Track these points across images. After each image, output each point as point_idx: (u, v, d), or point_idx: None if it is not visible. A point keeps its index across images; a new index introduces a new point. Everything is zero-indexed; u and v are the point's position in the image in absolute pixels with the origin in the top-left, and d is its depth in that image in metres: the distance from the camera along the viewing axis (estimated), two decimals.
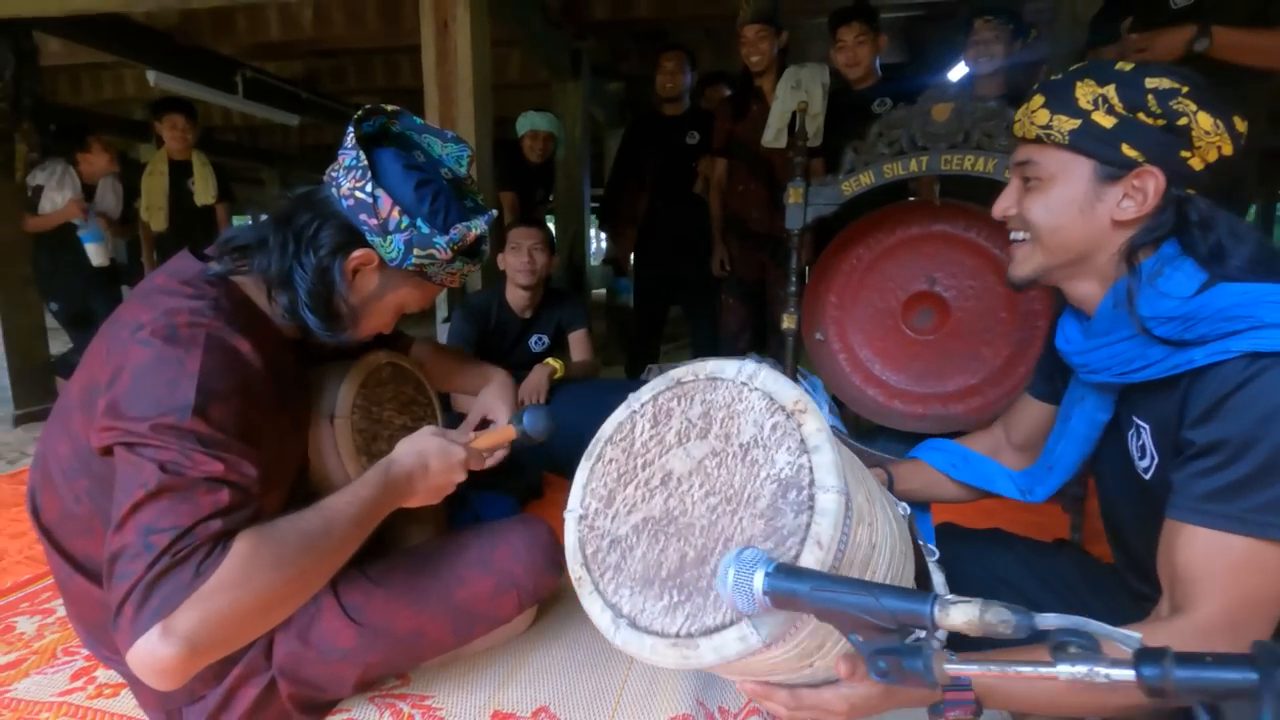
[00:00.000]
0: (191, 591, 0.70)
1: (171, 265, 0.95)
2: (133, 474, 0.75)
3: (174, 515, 0.72)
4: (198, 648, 0.69)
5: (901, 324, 2.14)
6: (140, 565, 0.70)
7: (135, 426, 0.76)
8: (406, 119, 1.02)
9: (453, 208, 0.99)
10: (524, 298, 2.32)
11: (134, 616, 0.69)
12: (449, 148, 1.05)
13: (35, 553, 1.71)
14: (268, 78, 4.86)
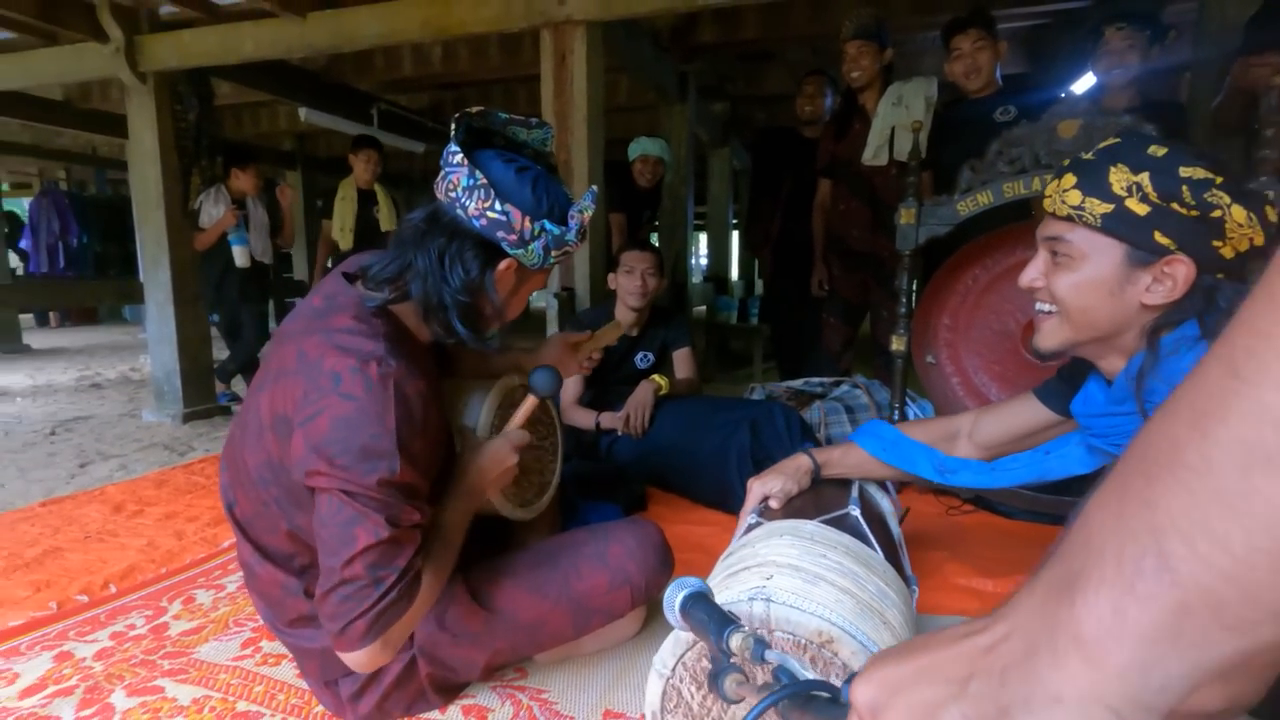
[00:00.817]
0: (400, 617, 0.94)
1: (331, 286, 1.09)
2: (359, 519, 0.91)
3: (393, 557, 0.93)
4: (395, 648, 0.97)
5: (1021, 347, 2.06)
6: (372, 594, 0.91)
7: (362, 480, 0.91)
8: (492, 116, 1.09)
9: (557, 192, 1.07)
10: (632, 317, 2.41)
11: (365, 632, 0.91)
12: (534, 133, 1.12)
13: (208, 535, 1.95)
14: (398, 109, 5.29)
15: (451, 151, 1.02)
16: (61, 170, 8.79)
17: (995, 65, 2.54)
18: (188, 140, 3.56)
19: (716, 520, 2.02)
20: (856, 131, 2.85)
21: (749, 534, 1.11)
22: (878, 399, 2.28)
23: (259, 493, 1.05)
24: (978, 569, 1.65)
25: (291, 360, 0.98)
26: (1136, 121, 1.73)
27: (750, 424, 2.02)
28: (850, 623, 0.81)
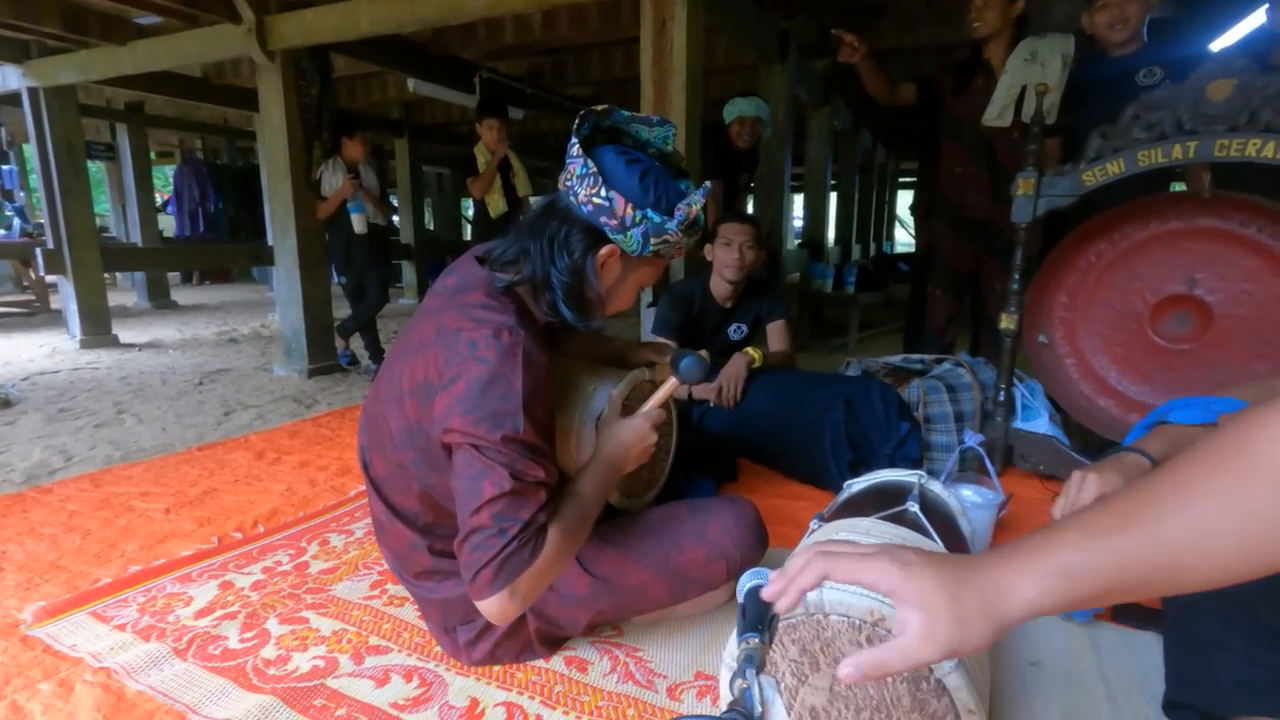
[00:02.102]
0: (528, 567, 0.98)
1: (464, 270, 1.17)
2: (485, 473, 0.98)
3: (517, 509, 0.98)
4: (527, 599, 1.01)
5: (1149, 330, 1.91)
6: (498, 544, 0.97)
7: (488, 436, 0.99)
8: (615, 114, 1.13)
9: (670, 188, 1.10)
10: (728, 289, 2.41)
11: (492, 579, 0.97)
12: (655, 130, 1.15)
13: (338, 483, 2.15)
14: (499, 76, 5.40)
15: (571, 144, 1.08)
16: (198, 140, 9.58)
17: (1145, 17, 2.29)
18: (310, 114, 3.80)
19: (809, 495, 2.03)
20: (978, 87, 2.66)
21: (810, 536, 1.14)
22: (982, 378, 2.19)
23: (397, 455, 1.15)
24: None
25: (431, 334, 1.08)
26: None
27: (845, 401, 2.00)
28: None
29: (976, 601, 0.52)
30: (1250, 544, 0.46)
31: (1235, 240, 1.77)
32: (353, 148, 3.87)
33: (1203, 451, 0.50)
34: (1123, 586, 0.50)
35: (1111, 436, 1.97)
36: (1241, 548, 0.47)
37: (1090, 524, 0.51)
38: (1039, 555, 0.52)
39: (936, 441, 2.09)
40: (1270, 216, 1.72)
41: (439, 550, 1.21)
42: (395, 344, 1.22)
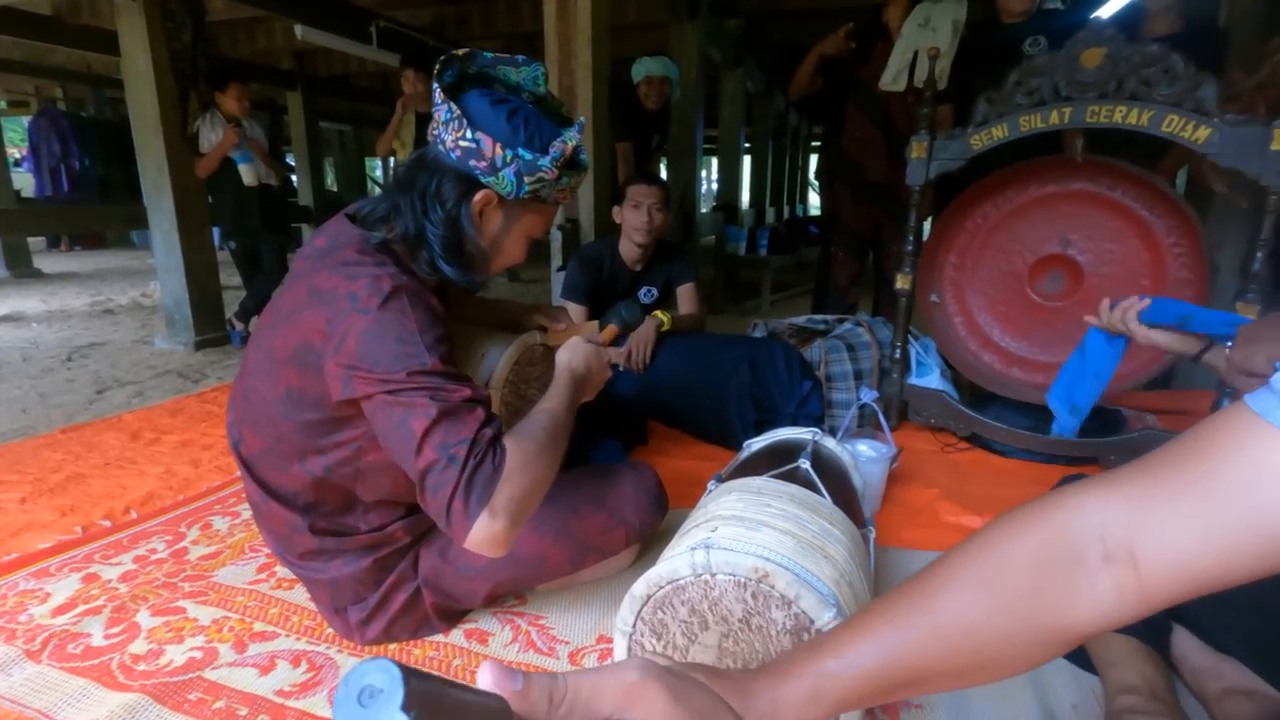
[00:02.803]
0: (497, 481, 0.89)
1: (335, 229, 1.09)
2: (409, 412, 0.91)
3: (458, 431, 0.90)
4: (514, 517, 0.90)
5: (1028, 288, 2.03)
6: (453, 473, 0.88)
7: (393, 377, 0.92)
8: (479, 57, 1.07)
9: (544, 126, 1.05)
10: (637, 252, 2.38)
11: (465, 509, 0.88)
12: (523, 71, 1.10)
13: (223, 463, 2.02)
14: (399, 27, 5.08)
15: (434, 89, 1.02)
16: (59, 89, 8.59)
17: None
18: (183, 62, 3.45)
19: (717, 456, 2.06)
20: (878, 52, 2.70)
21: (707, 496, 1.16)
22: (879, 337, 2.28)
23: (274, 428, 1.08)
24: (968, 507, 1.69)
25: (303, 296, 1.01)
26: (1164, 51, 1.65)
27: (750, 362, 2.03)
28: (788, 558, 0.86)
29: None
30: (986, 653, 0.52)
31: (1103, 202, 1.88)
32: (230, 100, 3.55)
33: (942, 566, 0.55)
34: (892, 688, 0.53)
35: (995, 390, 2.10)
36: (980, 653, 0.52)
37: (840, 643, 0.54)
38: (797, 675, 0.53)
39: (837, 399, 2.17)
40: (1133, 180, 1.84)
41: (322, 529, 1.14)
42: (264, 313, 1.13)
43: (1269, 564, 0.47)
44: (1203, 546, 0.47)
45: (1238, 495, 0.46)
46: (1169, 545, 0.48)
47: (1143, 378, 1.89)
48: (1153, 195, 1.82)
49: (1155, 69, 1.65)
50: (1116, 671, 1.03)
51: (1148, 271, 1.86)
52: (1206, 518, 0.47)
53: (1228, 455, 0.47)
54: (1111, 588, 0.49)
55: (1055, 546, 0.51)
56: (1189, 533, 0.47)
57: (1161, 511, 0.48)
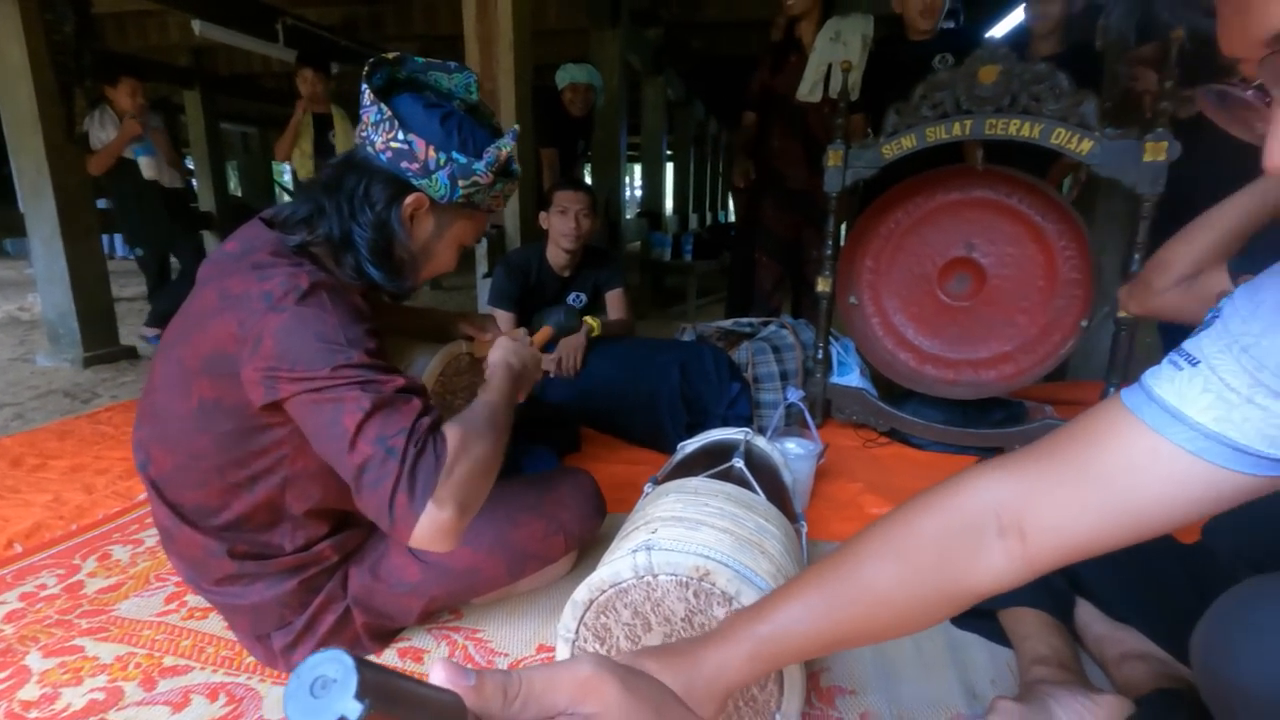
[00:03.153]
0: (440, 470, 0.86)
1: (248, 234, 1.03)
2: (339, 408, 0.86)
3: (395, 422, 0.86)
4: (463, 506, 0.87)
5: (937, 289, 2.15)
6: (393, 465, 0.84)
7: (317, 374, 0.87)
8: (410, 62, 1.06)
9: (478, 132, 1.05)
10: (565, 258, 2.37)
11: (409, 502, 0.84)
12: (455, 78, 1.09)
13: (121, 488, 1.87)
14: (308, 25, 4.87)
15: (363, 90, 0.99)
16: None
17: (943, 9, 2.53)
18: (66, 55, 3.19)
19: (648, 459, 2.07)
20: (792, 65, 2.80)
21: (644, 500, 1.17)
22: (803, 338, 2.36)
23: (187, 444, 1.01)
24: (890, 499, 1.77)
25: (214, 301, 0.95)
26: (1050, 70, 1.79)
27: (681, 366, 2.06)
28: (727, 556, 0.88)
29: None
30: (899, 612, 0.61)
31: (1002, 209, 2.02)
32: (123, 95, 3.31)
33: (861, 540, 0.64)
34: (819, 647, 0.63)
35: (911, 386, 2.21)
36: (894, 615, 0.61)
37: (803, 593, 0.63)
38: (736, 640, 0.61)
39: (765, 399, 2.23)
40: (1028, 188, 1.99)
41: (242, 552, 1.08)
42: (171, 325, 1.06)
43: (1134, 535, 0.56)
44: (1079, 521, 0.56)
45: (1109, 479, 0.55)
46: (1051, 520, 0.57)
47: (1040, 372, 2.04)
48: (1045, 202, 1.97)
49: (1044, 86, 1.79)
50: (1029, 644, 1.10)
51: (1042, 273, 2.01)
52: (1083, 497, 0.56)
53: (1103, 445, 0.56)
54: (1003, 556, 0.58)
55: (958, 523, 0.59)
56: (1068, 510, 0.56)
57: (1046, 491, 0.57)
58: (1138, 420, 0.55)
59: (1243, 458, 0.52)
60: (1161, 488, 0.54)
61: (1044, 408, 2.23)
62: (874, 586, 0.61)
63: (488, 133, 1.07)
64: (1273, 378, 0.51)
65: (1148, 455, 0.54)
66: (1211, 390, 0.53)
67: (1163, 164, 1.67)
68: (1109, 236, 2.65)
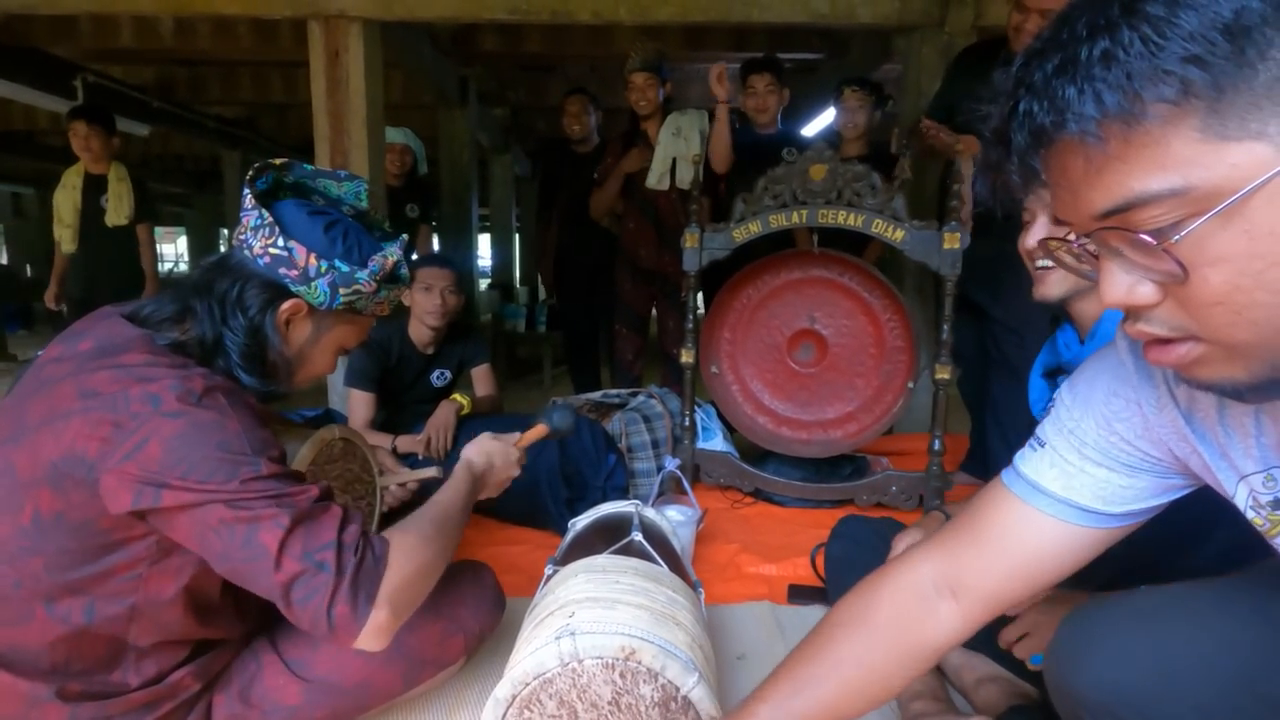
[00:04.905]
0: (381, 573, 0.86)
1: (105, 328, 0.93)
2: (254, 527, 0.82)
3: (319, 534, 0.84)
4: (398, 608, 0.88)
5: (787, 358, 2.37)
6: (326, 578, 0.81)
7: (222, 487, 0.80)
8: (297, 168, 1.06)
9: (364, 240, 1.04)
10: (429, 335, 2.32)
11: (351, 612, 0.82)
12: (345, 186, 1.09)
13: None
14: (114, 84, 4.44)
15: (244, 195, 0.97)
16: None
17: (779, 107, 2.90)
18: None
19: (528, 538, 2.03)
20: (638, 154, 3.03)
21: (547, 583, 1.18)
22: (670, 407, 2.47)
23: (10, 570, 0.86)
24: (763, 556, 1.88)
25: (72, 402, 0.84)
26: (866, 171, 2.10)
27: (559, 442, 2.06)
28: (649, 631, 0.92)
29: None
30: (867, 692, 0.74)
31: (836, 286, 2.30)
32: None
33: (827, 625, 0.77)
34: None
35: (769, 447, 2.38)
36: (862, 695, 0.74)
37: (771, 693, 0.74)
38: None
39: (639, 468, 2.29)
40: (856, 268, 2.29)
41: (76, 693, 0.91)
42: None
43: (1035, 585, 0.72)
44: (989, 581, 0.72)
45: (1002, 545, 0.72)
46: (971, 582, 0.72)
47: (879, 429, 2.30)
48: (871, 281, 2.27)
49: (863, 184, 2.09)
50: None
51: (873, 341, 2.29)
52: (987, 561, 0.72)
53: (992, 518, 0.73)
54: (947, 614, 0.72)
55: (907, 593, 0.74)
56: (980, 573, 0.72)
57: (963, 560, 0.73)
58: (1012, 494, 0.71)
59: (1089, 515, 0.68)
60: (1039, 546, 0.70)
61: (881, 460, 2.50)
62: (843, 660, 0.72)
63: (374, 240, 1.07)
64: (1093, 451, 0.68)
65: (1022, 522, 0.70)
66: (1056, 465, 0.69)
67: (958, 250, 2.00)
68: (915, 307, 3.09)
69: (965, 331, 2.28)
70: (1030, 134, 0.46)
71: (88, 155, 3.25)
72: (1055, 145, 0.46)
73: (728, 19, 2.69)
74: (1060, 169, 0.47)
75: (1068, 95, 0.43)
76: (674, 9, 2.68)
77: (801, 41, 4.11)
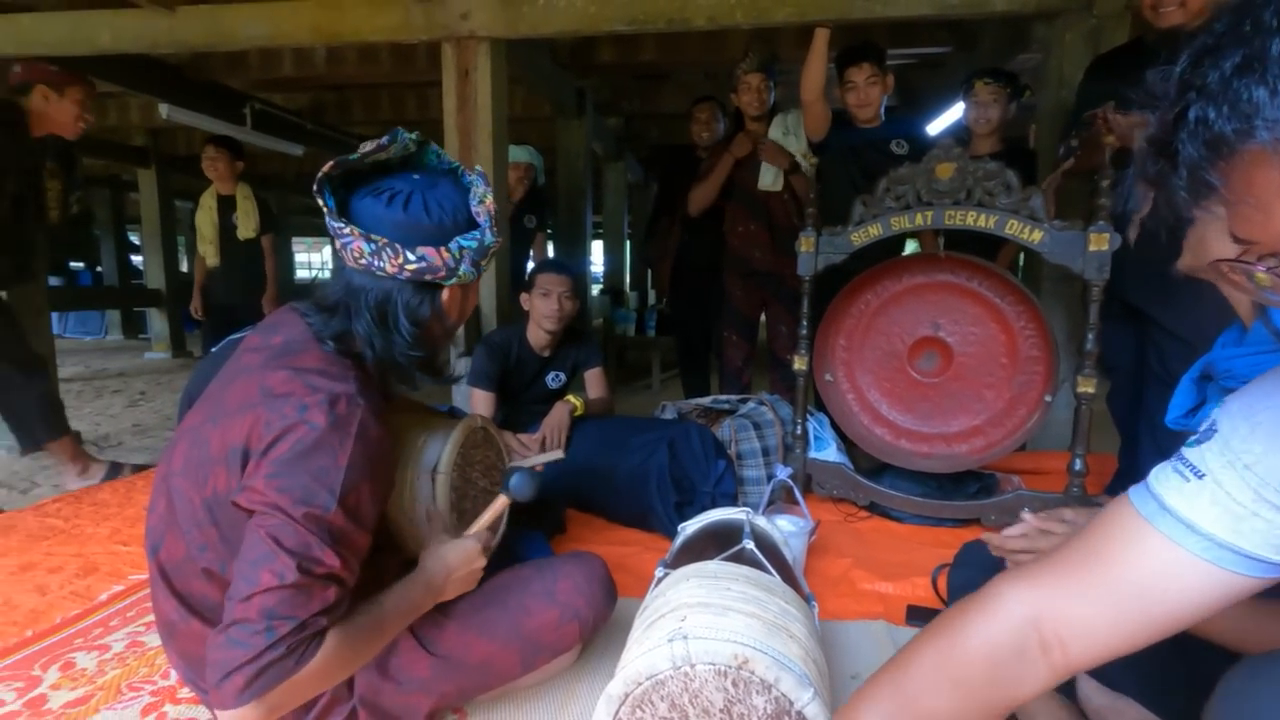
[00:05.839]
0: (289, 677, 0.85)
1: (290, 326, 1.05)
2: (269, 558, 0.86)
3: (295, 607, 0.85)
4: (271, 710, 0.86)
5: (908, 366, 2.26)
6: (259, 643, 0.82)
7: (290, 509, 0.87)
8: (341, 162, 1.04)
9: (447, 197, 1.05)
10: (546, 339, 2.41)
11: (242, 688, 0.82)
12: (394, 148, 1.06)
13: (79, 587, 1.74)
14: (275, 110, 4.95)
15: (331, 219, 1.02)
16: None
17: (883, 98, 2.70)
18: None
19: (637, 539, 2.06)
20: (751, 158, 3.00)
21: (658, 585, 1.18)
22: (781, 414, 2.42)
23: (198, 534, 0.98)
24: (879, 574, 1.80)
25: (255, 394, 0.95)
26: (1000, 169, 1.97)
27: (668, 444, 2.08)
28: (761, 641, 0.89)
29: None
30: None
31: (964, 292, 2.17)
32: None
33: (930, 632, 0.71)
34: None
35: (886, 459, 2.28)
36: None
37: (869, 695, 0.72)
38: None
39: (748, 476, 2.26)
40: (987, 273, 2.14)
41: None
42: (198, 405, 1.05)
43: (1163, 633, 0.63)
44: (1114, 629, 0.63)
45: (1136, 589, 0.62)
46: (1087, 629, 0.63)
47: (1011, 445, 2.15)
48: (1004, 285, 2.12)
49: (996, 182, 1.96)
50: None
51: (1004, 351, 2.14)
52: (1115, 607, 0.62)
53: (1125, 556, 0.63)
54: (1048, 669, 0.64)
55: (1004, 644, 0.65)
56: (1102, 619, 0.63)
57: (1079, 604, 0.64)
58: (1154, 530, 0.61)
59: (1253, 564, 0.58)
60: (1183, 593, 0.60)
61: (1011, 478, 2.32)
62: (934, 713, 0.68)
63: (449, 187, 1.07)
64: (1275, 494, 0.57)
65: (1168, 565, 0.60)
66: (1219, 504, 0.59)
67: (1106, 253, 1.83)
68: (1054, 314, 2.85)
69: (1119, 340, 2.05)
70: (1206, 144, 0.40)
71: (216, 176, 3.75)
72: (1239, 156, 0.40)
73: (848, 16, 2.60)
74: (1245, 183, 0.41)
75: (1256, 98, 0.38)
76: (791, 9, 2.62)
77: (927, 36, 3.91)
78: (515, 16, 2.75)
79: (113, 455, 2.92)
